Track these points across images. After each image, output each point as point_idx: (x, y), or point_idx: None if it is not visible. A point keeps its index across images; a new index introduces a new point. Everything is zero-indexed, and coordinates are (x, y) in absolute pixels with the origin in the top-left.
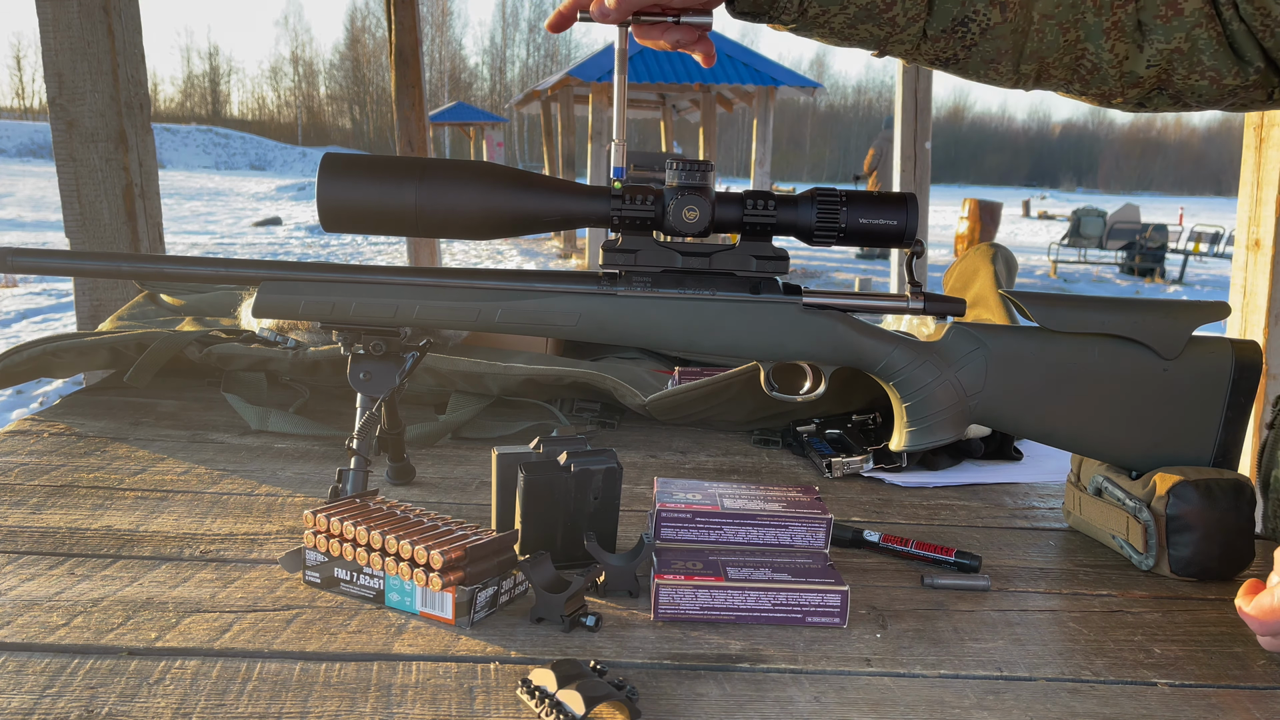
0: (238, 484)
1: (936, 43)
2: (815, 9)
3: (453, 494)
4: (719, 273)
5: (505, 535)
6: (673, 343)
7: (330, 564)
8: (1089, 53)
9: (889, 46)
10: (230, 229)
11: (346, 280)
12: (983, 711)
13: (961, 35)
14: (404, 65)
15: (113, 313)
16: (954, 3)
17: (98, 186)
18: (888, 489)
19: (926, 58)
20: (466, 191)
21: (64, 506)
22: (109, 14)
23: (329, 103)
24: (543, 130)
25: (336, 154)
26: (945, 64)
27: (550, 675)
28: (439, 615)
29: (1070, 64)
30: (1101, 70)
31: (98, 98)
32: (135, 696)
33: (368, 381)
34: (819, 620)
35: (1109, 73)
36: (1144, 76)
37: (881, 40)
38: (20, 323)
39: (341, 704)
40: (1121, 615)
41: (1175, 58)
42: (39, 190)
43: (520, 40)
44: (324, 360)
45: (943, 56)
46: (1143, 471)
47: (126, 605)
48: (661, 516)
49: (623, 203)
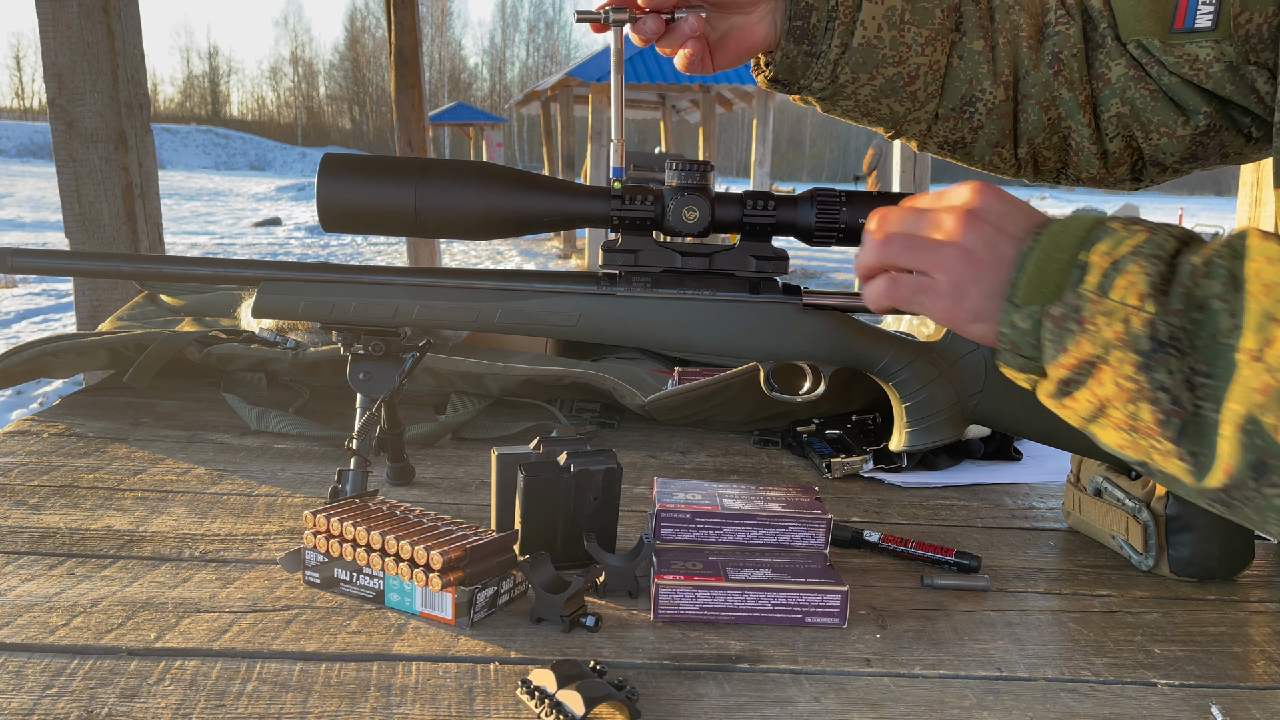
0: (237, 484)
1: (946, 123)
2: (846, 75)
3: (452, 494)
4: (719, 273)
5: (505, 536)
6: (672, 343)
7: (330, 564)
8: (1073, 131)
9: (904, 126)
10: (230, 229)
11: (346, 280)
12: (982, 712)
13: (969, 116)
14: (404, 65)
15: (112, 313)
16: (962, 80)
17: (97, 187)
18: (887, 489)
19: (936, 141)
20: (466, 192)
21: (64, 507)
22: (109, 14)
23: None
24: (542, 130)
25: (336, 154)
26: (954, 149)
27: (550, 675)
28: (439, 615)
29: (1059, 145)
30: (1084, 151)
31: (97, 98)
32: (135, 697)
33: (367, 382)
34: (819, 620)
35: (1090, 151)
36: (1113, 150)
37: (899, 119)
38: (20, 323)
39: (341, 704)
40: (1121, 615)
41: (1125, 122)
42: (39, 190)
43: (520, 40)
44: (324, 360)
45: (951, 139)
46: (1142, 472)
47: (126, 605)
48: (661, 517)
49: (622, 203)
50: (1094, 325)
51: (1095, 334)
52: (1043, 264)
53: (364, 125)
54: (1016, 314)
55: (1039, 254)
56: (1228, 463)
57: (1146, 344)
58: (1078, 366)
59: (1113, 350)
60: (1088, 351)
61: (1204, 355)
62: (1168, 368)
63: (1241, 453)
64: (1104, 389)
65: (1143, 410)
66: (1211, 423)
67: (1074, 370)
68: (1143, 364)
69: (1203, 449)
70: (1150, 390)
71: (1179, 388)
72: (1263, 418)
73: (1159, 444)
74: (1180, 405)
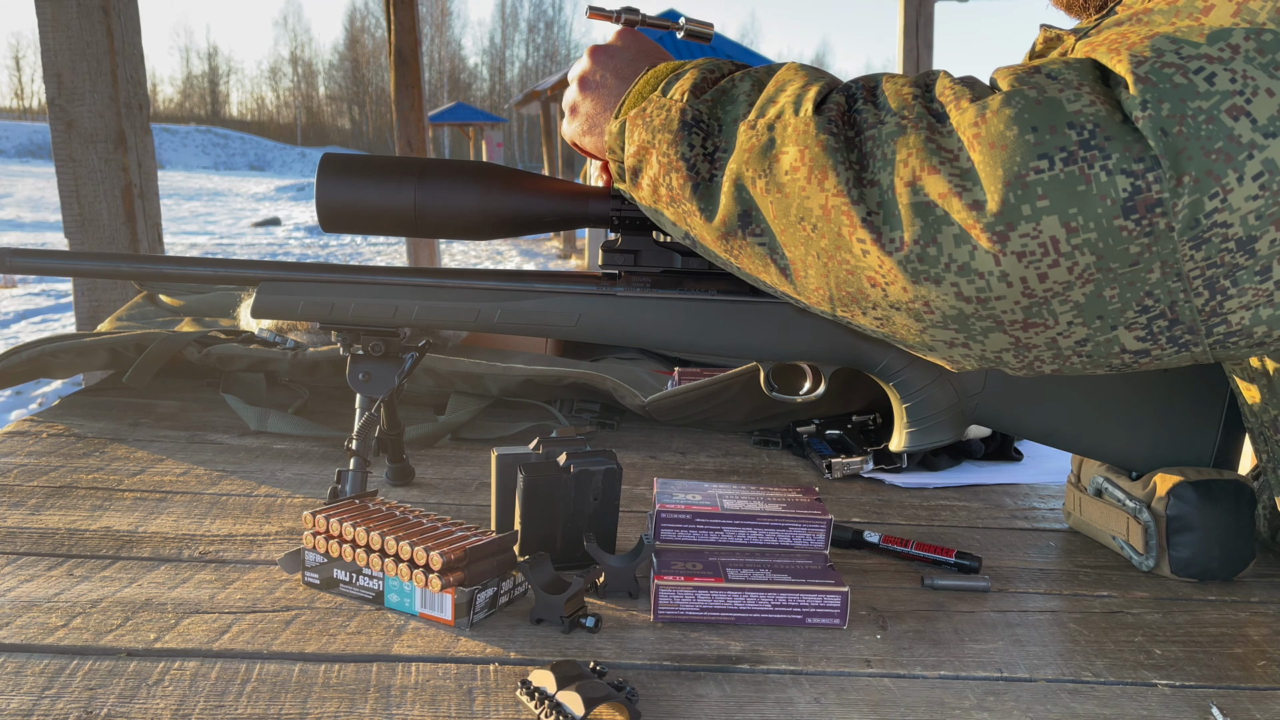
0: (237, 485)
1: None
2: None
3: (452, 495)
4: (719, 273)
5: (505, 536)
6: (672, 343)
7: (329, 565)
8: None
9: None
10: (229, 229)
11: (345, 281)
12: (983, 713)
13: None
14: (403, 65)
15: (112, 313)
16: None
17: (97, 187)
18: (888, 490)
19: None
20: (466, 192)
21: (63, 507)
22: (108, 14)
23: (328, 103)
24: (542, 130)
25: (335, 154)
26: None
27: (550, 676)
28: (438, 616)
29: None
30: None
31: (97, 98)
32: (134, 698)
33: (367, 382)
34: (819, 621)
35: None
36: None
37: None
38: (19, 323)
39: (341, 705)
40: (1122, 616)
41: None
42: (38, 191)
43: (520, 40)
44: (323, 361)
45: None
46: (1143, 472)
47: (125, 606)
48: (661, 517)
49: (622, 203)
50: (649, 117)
51: (649, 123)
52: (640, 88)
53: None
54: (613, 123)
55: (640, 82)
56: (724, 213)
57: (677, 124)
58: (637, 152)
59: (657, 134)
60: (642, 138)
61: (725, 135)
62: (690, 143)
63: (733, 204)
64: (652, 169)
65: (674, 179)
66: (718, 185)
67: (636, 157)
68: (673, 140)
69: (710, 204)
70: (677, 160)
71: (698, 158)
72: (745, 171)
73: (688, 205)
74: (697, 172)
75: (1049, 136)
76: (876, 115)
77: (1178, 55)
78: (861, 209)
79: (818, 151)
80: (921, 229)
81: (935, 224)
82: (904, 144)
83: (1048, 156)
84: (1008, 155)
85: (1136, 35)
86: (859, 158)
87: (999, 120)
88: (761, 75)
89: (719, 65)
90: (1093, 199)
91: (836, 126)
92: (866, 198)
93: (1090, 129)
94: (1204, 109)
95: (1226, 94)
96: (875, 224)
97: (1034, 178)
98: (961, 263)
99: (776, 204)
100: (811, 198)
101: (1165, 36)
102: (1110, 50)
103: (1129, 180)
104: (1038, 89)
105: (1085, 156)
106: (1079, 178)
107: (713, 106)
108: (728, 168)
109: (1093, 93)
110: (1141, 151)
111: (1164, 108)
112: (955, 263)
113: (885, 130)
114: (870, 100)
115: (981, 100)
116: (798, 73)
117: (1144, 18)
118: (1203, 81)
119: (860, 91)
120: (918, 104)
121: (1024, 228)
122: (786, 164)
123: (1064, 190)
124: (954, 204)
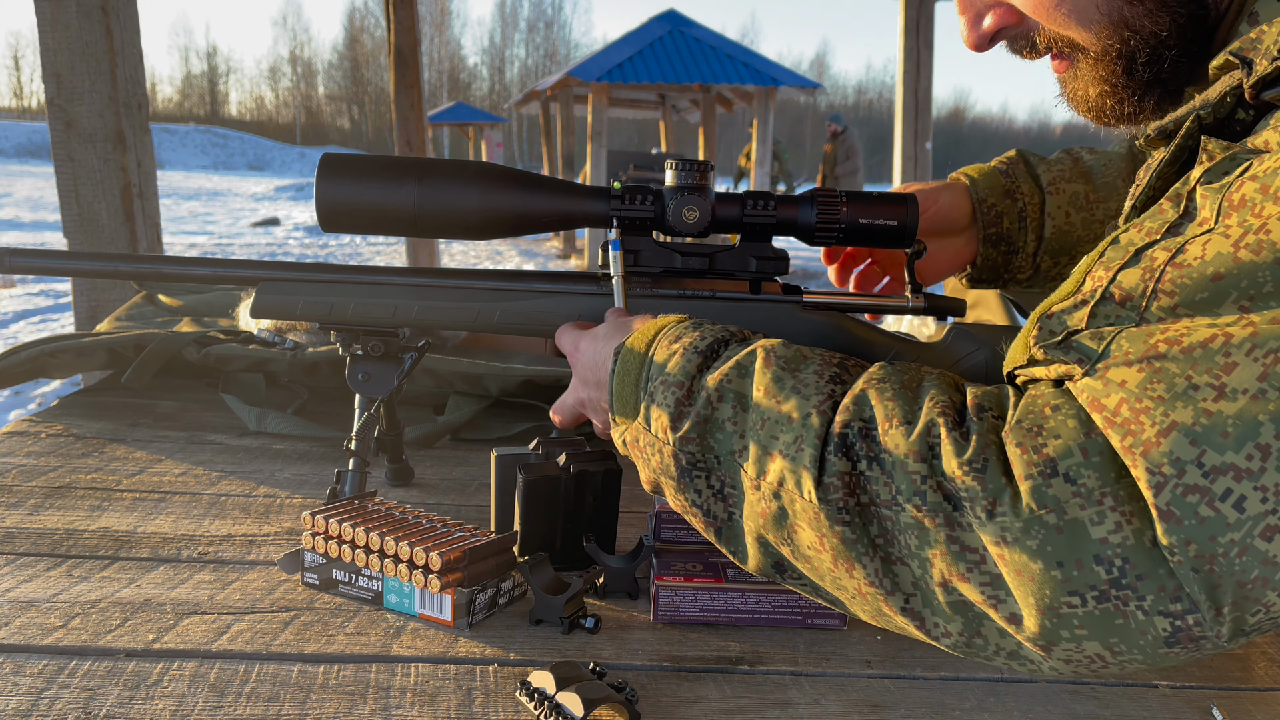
0: (236, 485)
1: None
2: (1047, 262)
3: (451, 495)
4: (719, 273)
5: (504, 537)
6: None
7: (329, 565)
8: None
9: None
10: (228, 229)
11: (345, 280)
12: (983, 714)
13: None
14: (403, 65)
15: (111, 313)
16: None
17: (96, 187)
18: None
19: None
20: (465, 192)
21: (62, 508)
22: (107, 14)
23: (327, 103)
24: (542, 130)
25: (335, 154)
26: None
27: (549, 677)
28: (438, 617)
29: None
30: None
31: (96, 98)
32: (133, 698)
33: (366, 382)
34: (819, 622)
35: None
36: None
37: None
38: (18, 323)
39: (340, 706)
40: None
41: None
42: (37, 190)
43: (519, 40)
44: (322, 361)
45: None
46: None
47: (124, 607)
48: (661, 518)
49: (622, 203)
50: (646, 455)
51: (649, 462)
52: (620, 389)
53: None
54: (615, 432)
55: (617, 378)
56: (755, 562)
57: (675, 471)
58: (653, 484)
59: (660, 475)
60: (649, 478)
61: (727, 470)
62: (696, 488)
63: (762, 556)
64: (673, 500)
65: (695, 521)
66: (740, 528)
67: (653, 487)
68: (678, 487)
69: (739, 548)
70: (690, 506)
71: (711, 501)
72: (767, 535)
73: (716, 544)
74: (713, 516)
75: (1076, 573)
76: (888, 488)
77: (1202, 474)
78: (899, 598)
79: (836, 543)
80: (964, 624)
81: (976, 620)
82: (925, 540)
83: (1078, 594)
84: (1037, 587)
85: (1150, 420)
86: (880, 531)
87: (1021, 552)
88: (735, 385)
89: (683, 365)
90: (1133, 632)
91: (849, 514)
92: (900, 581)
93: (1120, 566)
94: (1236, 540)
95: (1259, 517)
96: (915, 610)
97: (1067, 611)
98: (1010, 650)
99: (808, 569)
100: (843, 579)
101: (1185, 435)
102: (1127, 439)
103: (1168, 621)
104: (1057, 510)
105: (1119, 595)
106: (1115, 613)
107: (702, 442)
108: (745, 524)
109: (1116, 508)
110: (1177, 591)
111: (1190, 549)
112: (1004, 650)
113: (903, 518)
114: (874, 459)
115: (999, 519)
116: (770, 390)
117: (1158, 363)
118: (1231, 510)
119: (858, 441)
120: (928, 486)
121: (1066, 646)
122: (807, 541)
123: (1101, 624)
124: (992, 614)
